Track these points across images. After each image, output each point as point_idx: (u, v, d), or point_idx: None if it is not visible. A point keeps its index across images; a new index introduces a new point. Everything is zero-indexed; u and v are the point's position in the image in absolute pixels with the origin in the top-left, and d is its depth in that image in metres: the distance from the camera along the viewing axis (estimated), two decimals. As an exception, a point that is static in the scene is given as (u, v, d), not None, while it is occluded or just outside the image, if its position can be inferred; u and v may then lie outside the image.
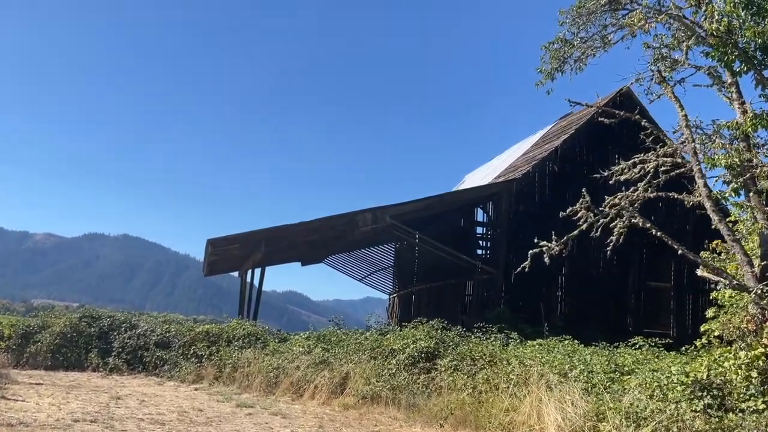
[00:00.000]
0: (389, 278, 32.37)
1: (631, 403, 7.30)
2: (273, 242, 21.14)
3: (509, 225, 21.44)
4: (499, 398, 9.49)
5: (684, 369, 7.60)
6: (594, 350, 12.73)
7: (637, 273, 22.84)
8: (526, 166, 22.60)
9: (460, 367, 12.10)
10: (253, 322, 19.69)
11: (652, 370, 10.17)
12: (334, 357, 14.43)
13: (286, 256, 28.38)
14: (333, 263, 32.40)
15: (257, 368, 15.59)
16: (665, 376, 7.63)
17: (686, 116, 8.88)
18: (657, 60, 11.11)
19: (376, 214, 19.82)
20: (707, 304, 23.52)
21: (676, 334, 22.05)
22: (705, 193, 8.13)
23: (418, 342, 13.28)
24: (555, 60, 11.68)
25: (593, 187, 22.83)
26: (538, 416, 8.40)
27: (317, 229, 20.90)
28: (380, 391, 12.19)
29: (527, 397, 8.83)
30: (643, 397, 7.74)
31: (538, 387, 8.78)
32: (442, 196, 21.47)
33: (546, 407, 8.06)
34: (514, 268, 21.48)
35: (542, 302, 21.29)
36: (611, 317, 22.29)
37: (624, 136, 23.28)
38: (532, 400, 8.54)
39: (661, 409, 6.86)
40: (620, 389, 8.82)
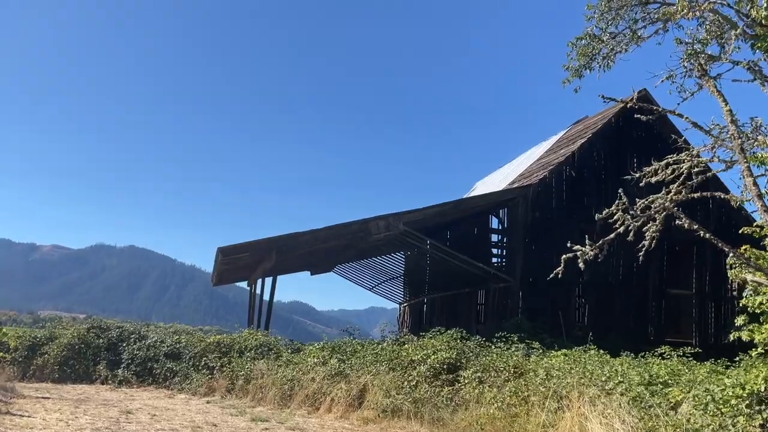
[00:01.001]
0: (400, 287, 31.82)
1: (687, 419, 6.75)
2: (283, 251, 20.66)
3: (525, 232, 20.91)
4: (533, 413, 8.94)
5: (739, 381, 7.04)
6: (623, 360, 12.17)
7: (657, 280, 22.25)
8: (542, 171, 22.09)
9: (485, 379, 11.57)
10: (266, 332, 19.19)
11: (688, 381, 9.63)
12: (350, 368, 13.91)
13: (295, 265, 27.90)
14: (342, 272, 31.90)
15: (271, 380, 15.08)
16: (719, 389, 7.07)
17: (731, 111, 8.37)
18: (690, 56, 10.65)
19: (390, 221, 19.34)
20: (729, 312, 23.02)
21: (699, 343, 21.40)
22: (755, 192, 7.60)
23: (439, 353, 12.75)
24: (583, 56, 11.23)
25: (611, 192, 22.36)
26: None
27: (328, 236, 20.42)
28: (401, 404, 11.66)
29: (566, 412, 8.28)
30: (696, 411, 7.19)
31: (579, 401, 8.22)
32: (456, 202, 20.98)
33: (590, 423, 7.50)
34: (531, 275, 21.13)
35: (561, 311, 20.71)
36: (631, 326, 21.70)
37: (642, 141, 22.80)
38: (573, 416, 7.98)
39: (721, 424, 6.32)
40: (664, 402, 8.28)
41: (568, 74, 11.49)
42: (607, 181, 22.13)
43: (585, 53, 11.22)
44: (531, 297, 20.80)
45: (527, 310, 20.21)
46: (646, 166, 19.48)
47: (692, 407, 7.23)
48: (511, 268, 20.85)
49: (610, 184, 22.13)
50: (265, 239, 18.97)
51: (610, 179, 22.20)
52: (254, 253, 20.91)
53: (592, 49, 11.13)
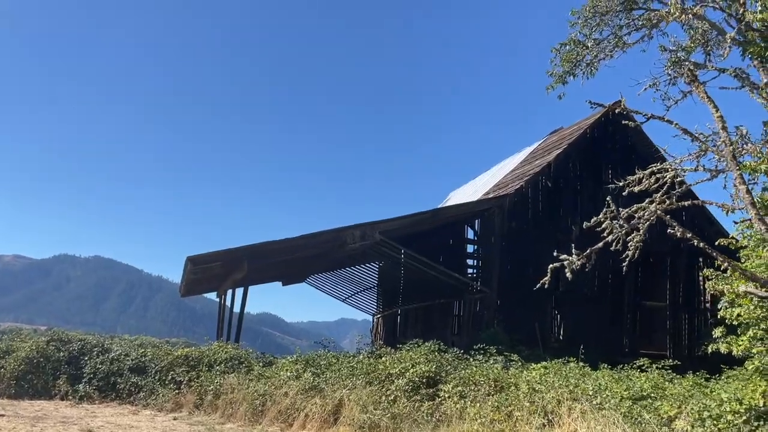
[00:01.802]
0: (373, 298, 31.35)
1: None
2: (256, 260, 20.06)
3: (502, 242, 20.70)
4: (520, 429, 8.58)
5: (736, 396, 6.78)
6: (605, 373, 11.93)
7: (632, 292, 22.23)
8: (518, 181, 21.94)
9: (466, 393, 11.21)
10: (236, 345, 18.54)
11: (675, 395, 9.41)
12: (325, 382, 13.42)
13: (267, 275, 27.23)
14: (315, 283, 31.31)
15: (242, 395, 14.48)
16: (716, 404, 6.81)
17: (722, 117, 8.19)
18: (675, 63, 10.52)
19: (365, 230, 18.92)
20: (702, 323, 23.10)
21: (673, 355, 21.39)
22: (749, 200, 7.40)
23: (417, 366, 12.35)
24: (566, 63, 11.03)
25: (587, 202, 22.34)
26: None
27: (302, 246, 19.90)
28: (379, 420, 11.20)
29: (555, 428, 7.93)
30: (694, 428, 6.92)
31: (569, 416, 7.89)
32: (432, 211, 20.68)
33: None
34: (508, 286, 20.88)
35: (537, 322, 20.51)
36: (607, 338, 21.58)
37: (617, 152, 22.85)
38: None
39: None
40: (655, 418, 8.01)
41: (551, 80, 11.30)
42: (582, 192, 22.11)
43: (569, 59, 11.03)
44: (507, 308, 20.56)
45: (503, 322, 19.95)
46: (620, 177, 19.41)
47: (688, 423, 6.95)
48: (487, 279, 20.59)
49: (585, 194, 22.12)
50: (237, 248, 18.37)
51: (586, 190, 22.19)
52: (225, 263, 20.27)
53: (576, 55, 10.94)
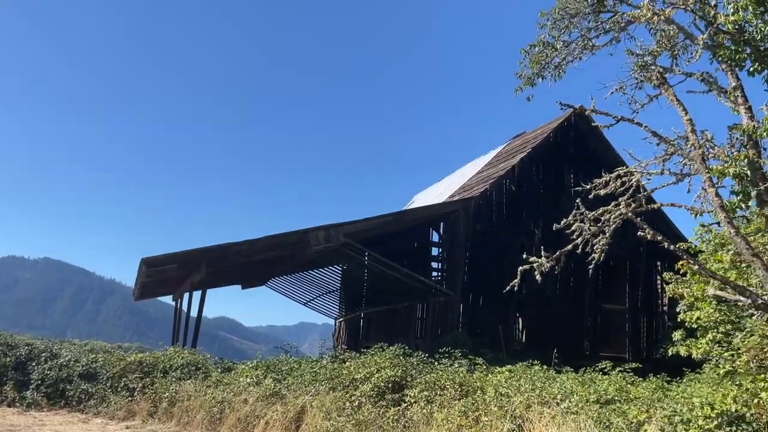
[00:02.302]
0: (336, 301, 30.96)
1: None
2: (214, 262, 19.50)
3: (467, 245, 20.62)
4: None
5: (707, 401, 6.71)
6: (569, 377, 11.87)
7: (592, 295, 22.43)
8: (483, 184, 21.93)
9: (432, 398, 10.97)
10: (193, 350, 17.95)
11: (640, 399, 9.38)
12: (287, 388, 13.01)
13: (227, 278, 26.60)
14: (276, 286, 30.74)
15: (199, 402, 13.96)
16: (687, 409, 6.72)
17: (691, 120, 8.17)
18: (642, 67, 10.54)
19: (330, 232, 18.57)
20: (660, 326, 23.48)
21: (632, 357, 21.69)
22: (718, 203, 7.37)
23: (383, 370, 12.05)
24: (535, 64, 10.93)
25: (550, 206, 22.48)
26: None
27: (264, 248, 19.43)
28: (343, 427, 10.86)
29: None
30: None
31: (540, 422, 7.73)
32: (398, 213, 20.47)
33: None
34: (472, 289, 20.85)
35: (501, 325, 20.49)
36: (568, 340, 21.71)
37: (579, 157, 23.06)
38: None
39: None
40: (623, 422, 7.91)
41: (520, 82, 11.20)
42: (545, 196, 22.23)
43: (538, 61, 10.94)
44: (471, 311, 20.51)
45: (467, 325, 19.87)
46: (582, 181, 19.37)
47: (658, 428, 6.85)
48: (451, 282, 20.48)
49: (548, 198, 22.25)
50: (195, 250, 17.80)
51: (549, 194, 22.33)
52: (182, 265, 19.64)
53: (545, 57, 10.86)
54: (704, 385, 11.08)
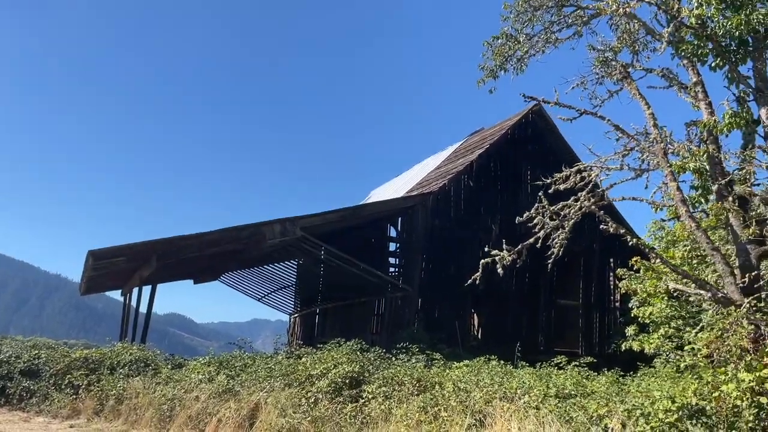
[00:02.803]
0: (291, 297, 30.49)
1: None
2: (165, 256, 18.87)
3: (425, 240, 20.52)
4: (449, 430, 8.24)
5: (668, 394, 6.70)
6: (527, 371, 11.87)
7: (548, 291, 22.65)
8: (441, 180, 21.87)
9: (390, 393, 10.79)
10: (142, 346, 17.31)
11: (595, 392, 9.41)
12: (241, 385, 12.63)
13: (178, 273, 25.84)
14: (229, 281, 30.06)
15: (148, 400, 13.44)
16: (649, 403, 6.70)
17: (653, 114, 8.20)
18: (603, 63, 10.57)
19: (286, 226, 18.17)
20: (612, 322, 23.91)
21: (584, 352, 21.99)
22: (679, 198, 7.39)
23: (340, 366, 11.80)
24: (498, 56, 10.86)
25: (508, 202, 22.58)
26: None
27: (217, 241, 18.87)
28: (299, 424, 10.57)
29: (487, 429, 7.63)
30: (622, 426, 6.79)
31: (502, 417, 7.61)
32: (356, 207, 20.21)
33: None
34: (430, 284, 20.77)
35: (458, 321, 20.47)
36: (524, 336, 21.89)
37: (536, 154, 23.25)
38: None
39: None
40: (584, 416, 7.87)
41: (482, 74, 11.10)
42: (503, 192, 22.33)
43: (501, 53, 10.87)
44: (428, 307, 20.44)
45: (424, 320, 19.78)
46: (539, 178, 19.30)
47: (619, 422, 6.81)
48: (409, 277, 20.34)
49: (506, 194, 22.35)
50: (145, 242, 17.15)
51: (507, 190, 22.43)
52: (132, 258, 18.93)
53: (509, 49, 10.79)
54: (658, 379, 11.24)
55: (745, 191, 7.25)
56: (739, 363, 6.01)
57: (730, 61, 7.45)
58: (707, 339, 6.37)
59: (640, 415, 6.64)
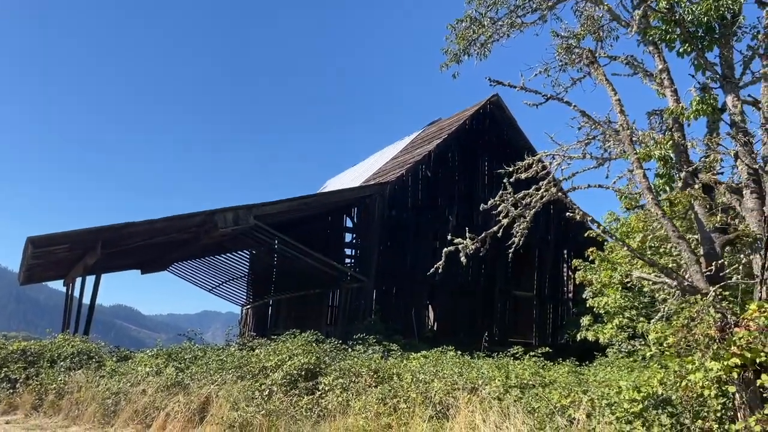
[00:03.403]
0: (243, 288, 29.77)
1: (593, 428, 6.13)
2: (111, 244, 18.03)
3: (381, 230, 20.23)
4: (410, 422, 7.98)
5: (633, 384, 6.59)
6: (488, 362, 11.74)
7: (502, 282, 22.71)
8: (399, 170, 21.61)
9: (347, 385, 10.48)
10: (85, 338, 16.50)
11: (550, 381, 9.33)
12: (190, 378, 12.11)
13: (124, 262, 24.87)
14: (179, 271, 29.14)
15: (91, 394, 12.78)
16: (614, 392, 6.57)
17: (620, 101, 8.08)
18: (567, 49, 10.45)
19: (239, 214, 17.60)
20: (565, 313, 24.17)
21: (538, 343, 22.16)
22: (645, 185, 7.29)
23: (295, 358, 11.42)
24: (462, 40, 10.60)
25: (465, 193, 22.50)
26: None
27: (166, 229, 18.15)
28: (252, 418, 10.14)
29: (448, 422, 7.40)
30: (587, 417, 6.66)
31: (466, 407, 7.39)
32: (312, 196, 19.73)
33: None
34: (386, 275, 20.53)
35: (414, 312, 20.30)
36: (478, 327, 21.90)
37: (493, 145, 23.23)
38: (461, 426, 7.11)
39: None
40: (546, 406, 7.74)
41: (446, 58, 10.84)
42: (460, 182, 22.22)
43: (464, 37, 10.62)
44: (384, 298, 20.19)
45: (380, 311, 19.52)
46: (496, 169, 19.14)
47: (584, 412, 6.67)
48: (365, 268, 20.03)
49: (463, 185, 22.26)
50: (90, 229, 16.30)
51: (464, 180, 22.34)
52: (75, 246, 18.03)
53: (473, 33, 10.55)
54: (614, 369, 11.24)
55: (710, 179, 7.20)
56: (706, 352, 5.90)
57: (697, 47, 7.37)
58: (674, 328, 6.26)
59: (606, 405, 6.52)
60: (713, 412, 5.71)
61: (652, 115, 9.25)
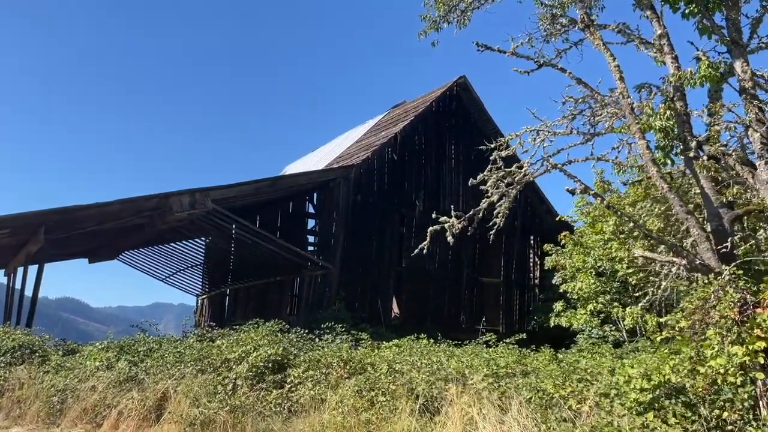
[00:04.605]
0: (199, 277, 28.50)
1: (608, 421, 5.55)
2: (55, 229, 16.74)
3: (347, 215, 19.44)
4: (393, 418, 7.29)
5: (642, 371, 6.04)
6: (465, 350, 11.16)
7: (470, 269, 22.24)
8: (364, 152, 20.81)
9: (318, 378, 9.74)
10: (27, 330, 15.26)
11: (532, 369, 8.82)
12: (145, 372, 11.18)
13: (70, 250, 23.39)
14: (129, 260, 27.67)
15: (34, 391, 11.73)
16: (623, 382, 6.02)
17: (619, 67, 7.52)
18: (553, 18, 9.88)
19: (196, 197, 16.53)
20: (531, 299, 23.89)
21: (505, 330, 21.82)
22: (648, 157, 6.75)
23: (261, 349, 10.60)
24: (441, 5, 9.91)
25: (431, 176, 21.87)
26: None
27: (116, 213, 16.90)
28: (215, 415, 9.31)
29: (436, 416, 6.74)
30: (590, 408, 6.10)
31: (459, 399, 6.73)
32: (274, 179, 18.74)
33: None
34: (351, 262, 19.75)
35: (380, 299, 19.63)
36: (446, 314, 21.42)
37: (460, 128, 22.67)
38: (456, 420, 6.44)
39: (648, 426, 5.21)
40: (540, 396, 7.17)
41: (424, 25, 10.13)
42: (427, 166, 21.57)
43: (444, 2, 9.92)
44: (350, 285, 19.43)
45: (345, 299, 18.77)
46: (463, 152, 18.27)
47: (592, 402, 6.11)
48: (329, 254, 19.21)
49: (430, 168, 21.63)
50: (32, 212, 15.00)
51: (431, 164, 21.71)
52: (16, 231, 16.66)
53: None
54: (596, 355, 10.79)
55: (717, 151, 6.69)
56: (726, 336, 5.38)
57: (703, 9, 6.84)
58: (690, 309, 5.72)
59: (615, 395, 5.95)
60: (740, 401, 5.19)
61: (642, 89, 8.74)
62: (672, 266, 6.52)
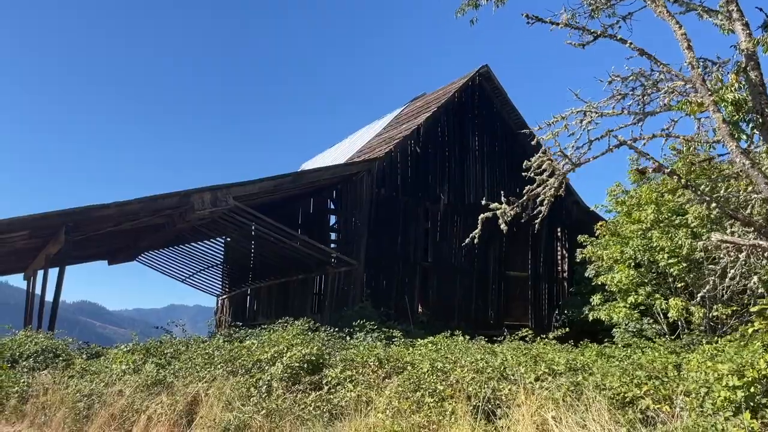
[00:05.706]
0: (218, 277, 28.09)
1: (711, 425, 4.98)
2: (77, 230, 16.37)
3: (371, 210, 18.91)
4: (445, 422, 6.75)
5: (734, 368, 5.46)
6: (509, 347, 10.60)
7: (497, 263, 21.64)
8: (386, 146, 20.27)
9: (355, 378, 9.22)
10: (50, 334, 14.89)
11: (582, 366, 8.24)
12: (174, 375, 10.72)
13: (90, 252, 23.10)
14: (148, 261, 27.33)
15: (59, 397, 11.29)
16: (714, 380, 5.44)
17: (686, 35, 6.92)
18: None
19: (217, 195, 16.10)
20: (560, 293, 23.24)
21: (534, 325, 21.20)
22: (725, 131, 6.16)
23: (295, 348, 10.11)
24: (483, -21, 9.33)
25: (455, 170, 21.30)
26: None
27: (137, 212, 16.52)
28: (250, 419, 8.83)
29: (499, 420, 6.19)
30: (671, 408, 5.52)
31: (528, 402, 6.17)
32: (295, 174, 18.27)
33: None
34: (376, 258, 19.25)
35: (407, 295, 19.10)
36: (473, 310, 20.84)
37: (483, 119, 22.06)
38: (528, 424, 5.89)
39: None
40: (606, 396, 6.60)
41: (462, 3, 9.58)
42: (450, 159, 20.98)
43: (483, -24, 9.35)
44: (375, 281, 18.93)
45: (371, 296, 18.26)
46: (487, 144, 17.49)
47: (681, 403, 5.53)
48: (354, 250, 18.70)
49: (453, 161, 21.04)
50: (52, 213, 14.64)
51: (453, 156, 21.11)
52: (36, 233, 16.33)
53: (491, -27, 9.30)
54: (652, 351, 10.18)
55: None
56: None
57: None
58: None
59: (705, 394, 5.38)
60: None
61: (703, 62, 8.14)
62: (762, 251, 5.90)
